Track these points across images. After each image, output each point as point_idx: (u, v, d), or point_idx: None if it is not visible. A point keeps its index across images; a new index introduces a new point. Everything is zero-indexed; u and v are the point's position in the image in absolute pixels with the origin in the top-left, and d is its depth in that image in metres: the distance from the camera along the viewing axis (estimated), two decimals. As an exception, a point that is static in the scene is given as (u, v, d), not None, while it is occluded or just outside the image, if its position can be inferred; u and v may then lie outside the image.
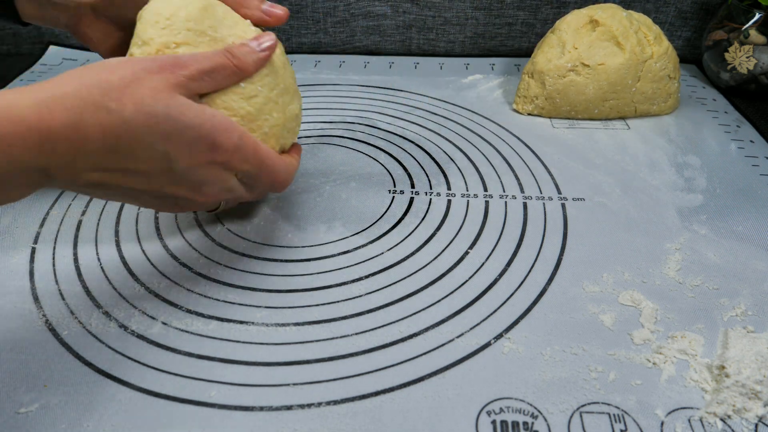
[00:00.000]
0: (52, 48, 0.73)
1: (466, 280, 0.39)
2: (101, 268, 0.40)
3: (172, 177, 0.32)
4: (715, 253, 0.42)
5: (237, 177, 0.36)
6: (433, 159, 0.52)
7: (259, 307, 0.37)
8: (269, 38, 0.37)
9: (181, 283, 0.39)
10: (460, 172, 0.51)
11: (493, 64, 0.71)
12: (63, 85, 0.28)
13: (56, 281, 0.39)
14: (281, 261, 0.41)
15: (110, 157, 0.29)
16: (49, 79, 0.29)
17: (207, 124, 0.32)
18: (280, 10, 0.40)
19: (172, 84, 0.31)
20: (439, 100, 0.63)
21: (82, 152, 0.28)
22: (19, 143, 0.26)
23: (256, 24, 0.39)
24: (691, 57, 0.72)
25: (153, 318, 0.36)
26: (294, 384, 0.32)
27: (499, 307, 0.37)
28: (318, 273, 0.40)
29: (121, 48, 0.44)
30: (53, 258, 0.41)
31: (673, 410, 0.31)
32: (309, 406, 0.31)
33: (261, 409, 0.31)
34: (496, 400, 0.31)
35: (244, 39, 0.37)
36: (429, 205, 0.47)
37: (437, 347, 0.34)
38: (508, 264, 0.41)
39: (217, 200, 0.37)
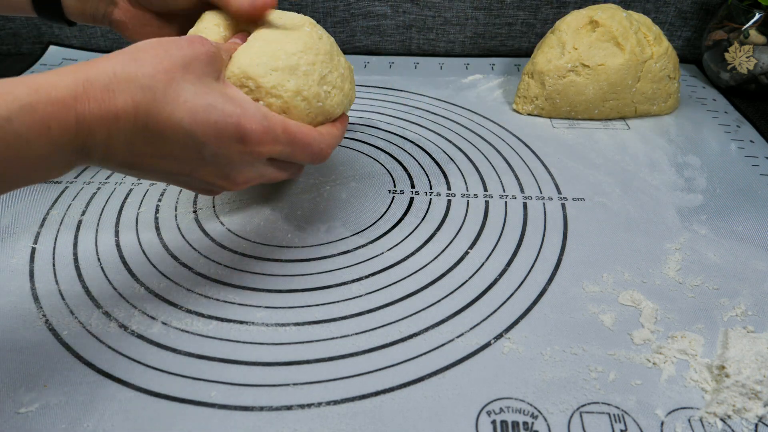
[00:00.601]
0: (52, 48, 0.73)
1: (466, 280, 0.39)
2: (101, 268, 0.40)
3: (201, 162, 0.33)
4: (715, 253, 0.42)
5: (269, 159, 0.36)
6: (433, 159, 0.52)
7: (259, 307, 0.37)
8: None
9: (181, 283, 0.39)
10: (460, 172, 0.51)
11: (493, 64, 0.71)
12: (99, 65, 0.29)
13: (56, 281, 0.39)
14: (281, 261, 0.41)
15: (140, 136, 0.30)
16: (86, 61, 0.30)
17: (230, 103, 0.33)
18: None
19: (203, 61, 0.33)
20: (439, 100, 0.63)
21: (114, 130, 0.29)
22: (57, 123, 0.27)
23: (242, 16, 0.40)
24: (691, 57, 0.72)
25: (153, 318, 0.36)
26: (294, 384, 0.32)
27: (499, 307, 0.37)
28: (318, 273, 0.40)
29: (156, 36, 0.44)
30: (53, 258, 0.41)
31: (673, 410, 0.31)
32: (309, 406, 0.31)
33: (261, 409, 0.31)
34: (496, 400, 0.31)
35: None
36: (429, 205, 0.47)
37: (437, 347, 0.34)
38: (508, 264, 0.41)
39: (249, 185, 0.37)
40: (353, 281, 0.39)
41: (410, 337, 0.35)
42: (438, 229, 0.44)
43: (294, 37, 0.39)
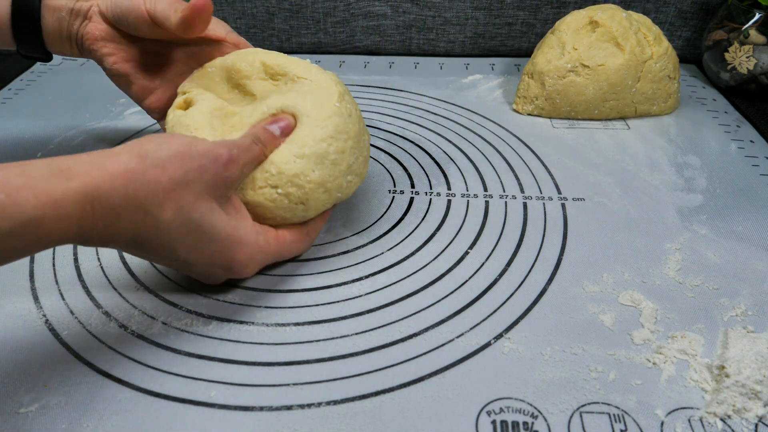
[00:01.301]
0: (52, 48, 0.73)
1: (466, 280, 0.39)
2: (101, 268, 0.40)
3: (187, 268, 0.35)
4: (715, 253, 0.42)
5: None
6: (433, 159, 0.52)
7: (259, 307, 0.37)
8: (285, 120, 0.37)
9: (181, 283, 0.39)
10: (460, 172, 0.51)
11: (493, 64, 0.71)
12: (113, 179, 0.28)
13: (56, 281, 0.39)
14: (281, 261, 0.41)
15: (134, 249, 0.31)
16: (100, 157, 0.29)
17: (228, 239, 0.33)
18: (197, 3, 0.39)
19: (217, 187, 0.32)
20: (439, 100, 0.63)
21: (111, 241, 0.30)
22: (58, 235, 0.27)
23: (180, 29, 0.39)
24: (691, 57, 0.72)
25: (153, 318, 0.36)
26: (294, 384, 0.32)
27: (499, 307, 0.37)
28: (318, 273, 0.40)
29: (131, 65, 0.44)
30: (53, 258, 0.41)
31: (673, 410, 0.31)
32: (309, 406, 0.31)
33: (261, 409, 0.31)
34: (496, 400, 0.31)
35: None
36: (429, 205, 0.47)
37: (437, 347, 0.34)
38: (508, 264, 0.41)
39: None
40: (353, 281, 0.39)
41: (410, 337, 0.35)
42: (438, 229, 0.44)
43: (324, 117, 0.36)
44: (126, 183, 0.29)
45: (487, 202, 0.47)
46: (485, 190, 0.48)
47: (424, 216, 0.45)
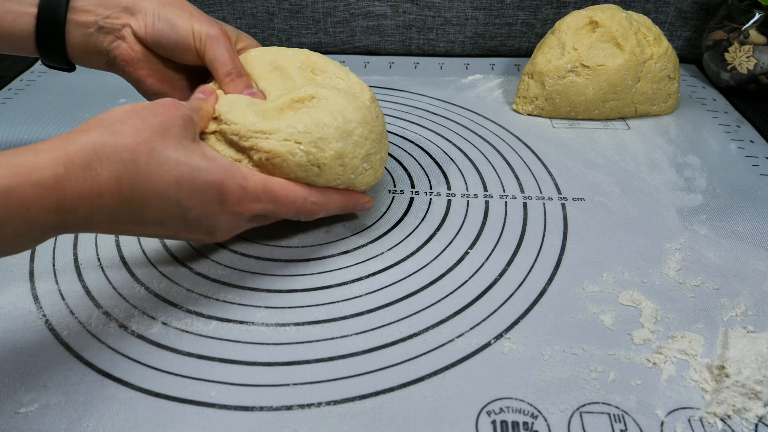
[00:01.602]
0: (52, 48, 0.73)
1: (466, 280, 0.39)
2: (101, 268, 0.40)
3: (185, 224, 0.34)
4: (715, 253, 0.42)
5: (251, 216, 0.36)
6: (433, 159, 0.52)
7: (259, 307, 0.37)
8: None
9: (181, 283, 0.39)
10: (460, 172, 0.51)
11: (493, 64, 0.71)
12: (78, 141, 0.29)
13: (56, 281, 0.39)
14: (281, 261, 0.41)
15: (124, 210, 0.31)
16: (64, 135, 0.29)
17: (212, 167, 0.33)
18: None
19: (180, 126, 0.33)
20: (439, 100, 0.63)
21: (97, 207, 0.29)
22: (37, 205, 0.27)
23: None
24: (691, 57, 0.72)
25: (153, 318, 0.36)
26: (294, 384, 0.32)
27: (499, 307, 0.37)
28: (318, 273, 0.40)
29: (167, 84, 0.45)
30: (53, 258, 0.41)
31: (673, 410, 0.31)
32: (309, 406, 0.31)
33: (261, 409, 0.31)
34: (496, 400, 0.31)
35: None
36: (429, 205, 0.47)
37: (437, 347, 0.34)
38: (508, 264, 0.41)
39: (230, 237, 0.38)
40: (353, 281, 0.39)
41: (410, 337, 0.35)
42: (438, 229, 0.44)
43: (355, 106, 0.39)
44: (93, 141, 0.29)
45: (487, 202, 0.47)
46: (485, 190, 0.48)
47: (424, 216, 0.45)
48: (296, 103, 0.38)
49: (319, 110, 0.37)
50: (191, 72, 0.45)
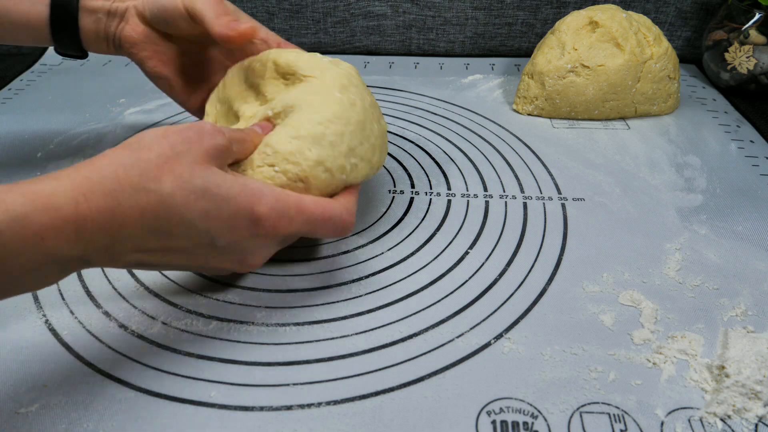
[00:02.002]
0: (51, 49, 0.73)
1: (466, 280, 0.39)
2: (101, 268, 0.40)
3: (214, 252, 0.32)
4: (715, 253, 0.42)
5: (284, 237, 0.34)
6: (433, 159, 0.52)
7: (259, 307, 0.37)
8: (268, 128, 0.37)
9: (181, 283, 0.39)
10: (460, 172, 0.51)
11: (493, 64, 0.71)
12: (100, 168, 0.28)
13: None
14: (281, 261, 0.41)
15: (149, 238, 0.29)
16: (87, 161, 0.28)
17: (242, 194, 0.31)
18: (244, 26, 0.39)
19: (210, 155, 0.31)
20: (439, 100, 0.63)
21: (119, 237, 0.28)
22: (53, 235, 0.25)
23: (226, 43, 0.40)
24: (691, 57, 0.72)
25: (153, 318, 0.36)
26: (294, 384, 0.32)
27: (499, 307, 0.37)
28: (318, 273, 0.40)
29: (170, 67, 0.45)
30: (53, 258, 0.41)
31: (673, 410, 0.31)
32: (309, 406, 0.31)
33: (261, 409, 0.31)
34: (496, 400, 0.31)
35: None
36: (429, 205, 0.47)
37: (437, 347, 0.34)
38: (508, 264, 0.41)
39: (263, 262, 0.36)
40: (353, 281, 0.39)
41: (410, 337, 0.35)
42: (438, 229, 0.44)
43: (323, 103, 0.36)
44: (115, 168, 0.28)
45: (487, 202, 0.47)
46: (485, 190, 0.48)
47: (424, 216, 0.45)
48: (266, 122, 0.38)
49: (285, 125, 0.36)
50: (197, 56, 0.45)
